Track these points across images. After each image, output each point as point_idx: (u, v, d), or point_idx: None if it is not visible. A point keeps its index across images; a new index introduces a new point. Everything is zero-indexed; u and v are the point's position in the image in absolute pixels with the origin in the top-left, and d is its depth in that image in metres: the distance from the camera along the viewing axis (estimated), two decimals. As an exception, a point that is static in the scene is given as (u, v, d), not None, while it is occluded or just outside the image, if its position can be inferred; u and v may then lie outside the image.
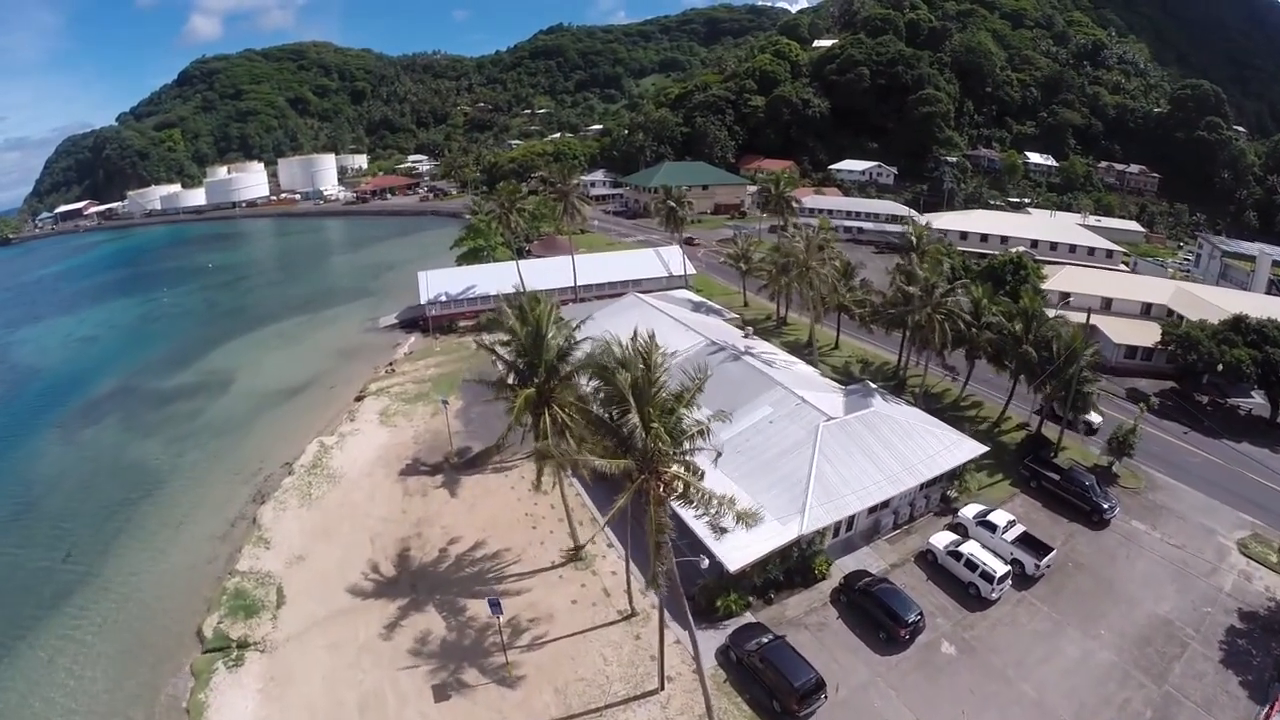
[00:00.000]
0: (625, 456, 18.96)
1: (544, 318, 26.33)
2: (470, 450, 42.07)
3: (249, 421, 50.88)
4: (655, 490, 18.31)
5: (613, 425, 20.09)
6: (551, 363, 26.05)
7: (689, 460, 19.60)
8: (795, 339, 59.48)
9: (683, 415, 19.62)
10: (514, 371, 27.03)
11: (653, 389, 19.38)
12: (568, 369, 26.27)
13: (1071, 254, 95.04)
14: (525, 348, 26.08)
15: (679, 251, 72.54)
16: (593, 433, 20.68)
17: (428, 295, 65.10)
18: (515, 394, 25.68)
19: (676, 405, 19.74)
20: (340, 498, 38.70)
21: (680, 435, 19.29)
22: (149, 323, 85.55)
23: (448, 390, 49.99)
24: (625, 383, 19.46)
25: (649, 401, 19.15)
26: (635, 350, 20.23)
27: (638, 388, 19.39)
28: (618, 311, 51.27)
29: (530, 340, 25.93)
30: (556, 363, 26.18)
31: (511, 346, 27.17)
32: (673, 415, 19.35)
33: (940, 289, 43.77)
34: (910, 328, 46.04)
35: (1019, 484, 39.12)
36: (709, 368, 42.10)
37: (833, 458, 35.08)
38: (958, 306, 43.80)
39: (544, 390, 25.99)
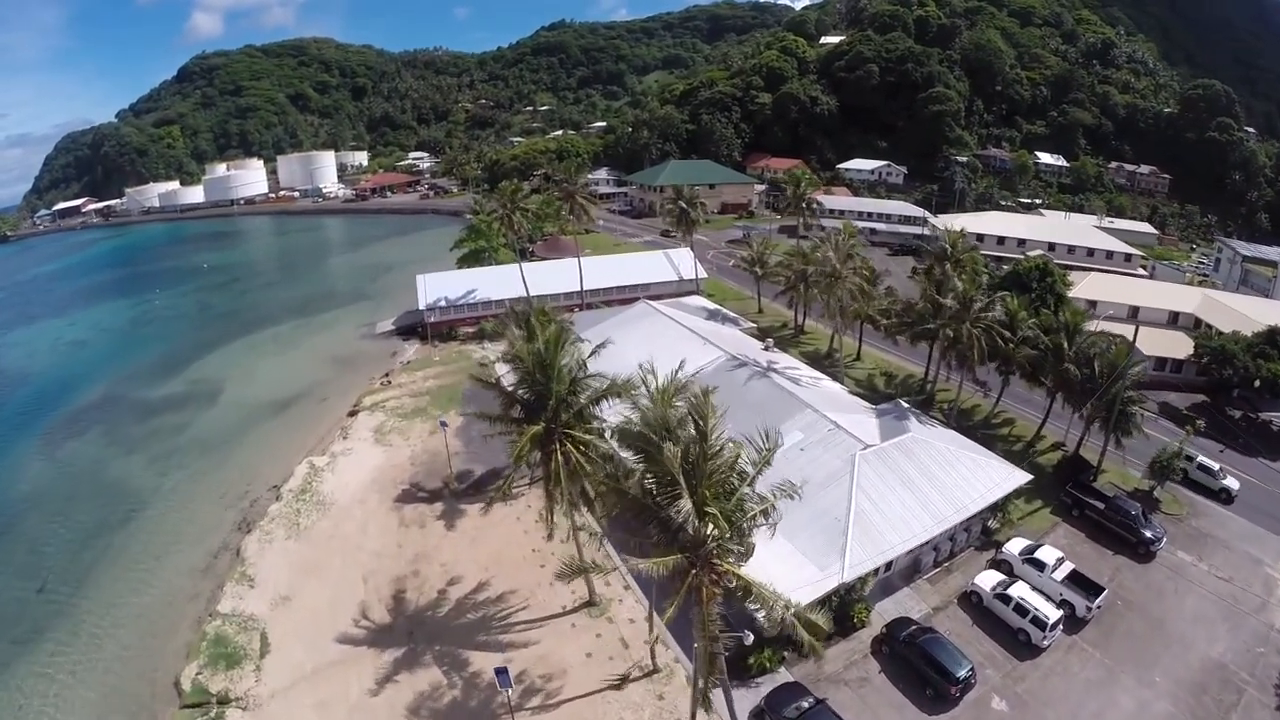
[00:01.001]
0: (672, 548, 15.05)
1: (554, 340, 22.75)
2: (471, 474, 38.62)
3: (236, 437, 47.38)
4: (708, 588, 14.53)
5: (657, 510, 16.04)
6: (563, 394, 22.52)
7: (749, 543, 15.87)
8: (815, 349, 56.10)
9: (745, 496, 15.68)
10: (518, 404, 23.38)
11: (709, 463, 15.41)
12: (582, 401, 22.70)
13: (1089, 258, 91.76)
14: (533, 376, 22.52)
15: (689, 254, 68.95)
16: (635, 516, 16.49)
17: (426, 300, 61.50)
18: (521, 430, 22.11)
19: (739, 484, 15.83)
20: (330, 528, 35.27)
21: (742, 519, 15.44)
22: (140, 326, 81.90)
23: (447, 405, 46.56)
24: (674, 459, 15.40)
25: (704, 481, 15.25)
26: (690, 407, 16.25)
27: (690, 463, 15.44)
28: (629, 321, 47.76)
29: (539, 368, 22.37)
30: (569, 394, 22.63)
31: (517, 373, 23.53)
32: (733, 497, 15.40)
33: (979, 302, 40.35)
34: (943, 341, 42.73)
35: (1059, 511, 36.10)
36: (732, 385, 38.80)
37: (871, 491, 31.82)
38: (996, 321, 40.38)
39: (554, 426, 22.47)
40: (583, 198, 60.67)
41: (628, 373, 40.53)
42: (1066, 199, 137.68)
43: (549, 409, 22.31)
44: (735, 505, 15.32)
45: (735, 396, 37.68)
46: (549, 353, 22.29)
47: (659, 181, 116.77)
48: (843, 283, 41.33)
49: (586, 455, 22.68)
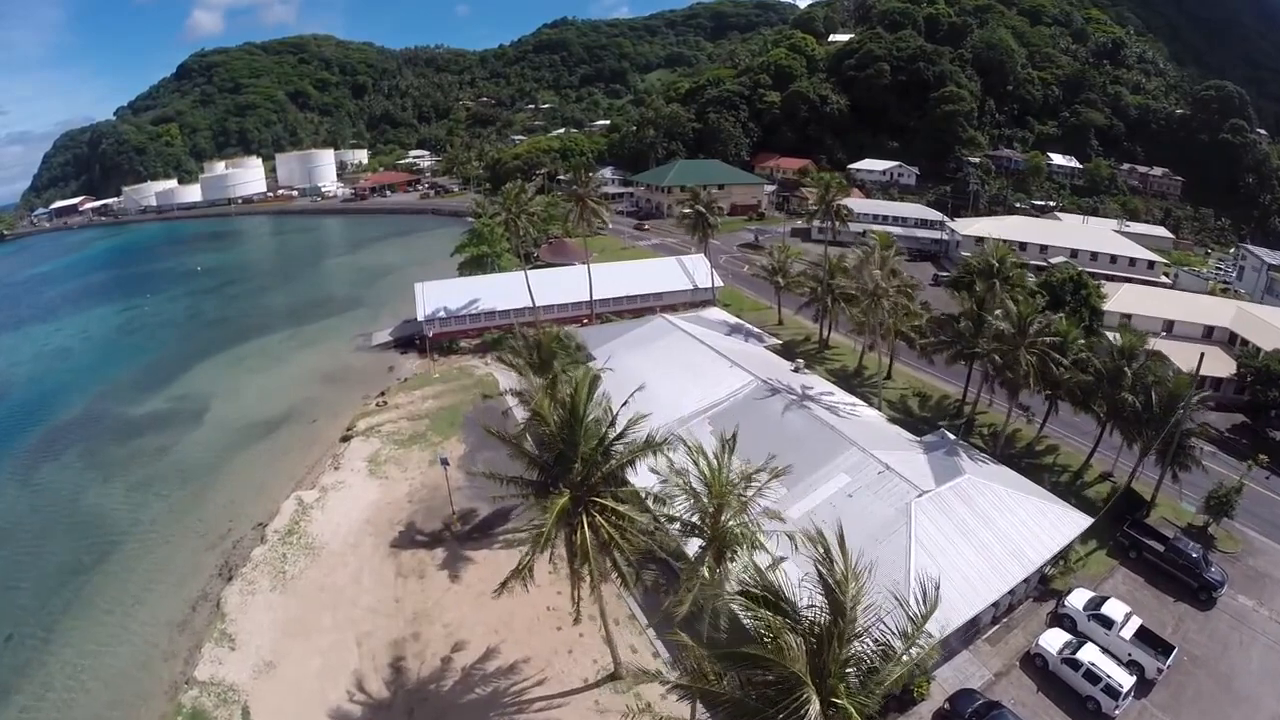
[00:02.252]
0: None
1: (581, 390, 18.57)
2: (475, 514, 34.48)
3: (220, 464, 43.20)
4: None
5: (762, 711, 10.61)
6: (591, 455, 18.38)
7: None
8: (842, 365, 51.98)
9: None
10: (539, 468, 19.13)
11: (847, 647, 10.80)
12: (614, 464, 18.51)
13: (1112, 264, 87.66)
14: (556, 437, 18.37)
15: (704, 261, 64.68)
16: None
17: (426, 311, 57.17)
18: (546, 502, 17.92)
19: (883, 664, 10.83)
20: (320, 578, 31.14)
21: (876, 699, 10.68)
22: (127, 334, 77.50)
23: (447, 430, 42.37)
24: (797, 657, 10.48)
25: (836, 669, 10.65)
26: (816, 563, 11.29)
27: (816, 643, 10.75)
28: (646, 339, 43.58)
29: (563, 427, 18.23)
30: (598, 455, 18.48)
31: (538, 432, 19.31)
32: (876, 684, 10.39)
33: (1036, 325, 36.32)
34: (988, 365, 38.77)
35: (1116, 552, 32.74)
36: (766, 416, 34.63)
37: (930, 545, 27.97)
38: (1055, 346, 36.34)
39: (581, 493, 18.33)
40: (594, 201, 56.11)
41: (649, 402, 36.55)
42: (1080, 201, 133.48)
43: (574, 473, 18.18)
44: (876, 685, 10.65)
45: (771, 430, 33.74)
46: (574, 405, 18.12)
47: (666, 182, 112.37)
48: (886, 302, 37.17)
49: (618, 525, 18.54)
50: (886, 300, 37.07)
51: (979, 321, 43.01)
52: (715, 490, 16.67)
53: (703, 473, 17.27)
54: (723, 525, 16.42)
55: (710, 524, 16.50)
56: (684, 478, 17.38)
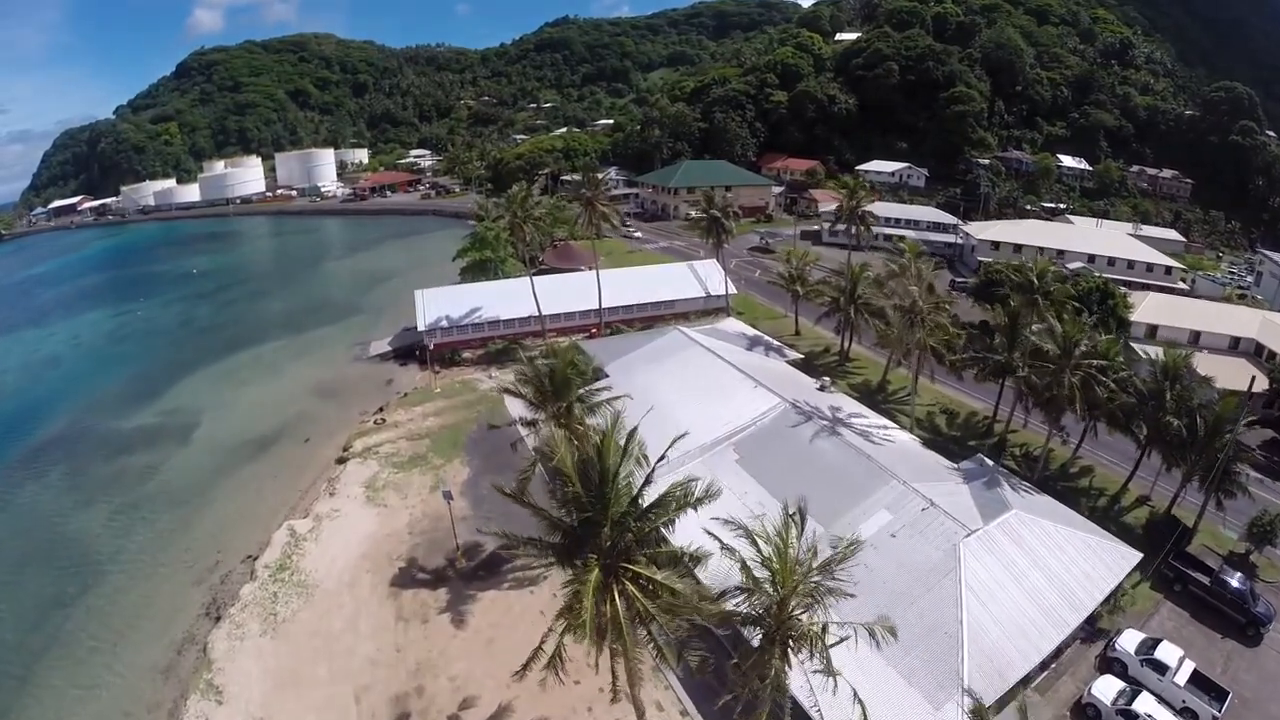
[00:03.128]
0: None
1: (611, 442, 15.73)
2: (481, 548, 31.67)
3: (208, 487, 40.34)
4: None
5: None
6: (622, 518, 15.59)
7: None
8: (864, 379, 49.21)
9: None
10: (562, 533, 16.25)
11: None
12: (647, 528, 15.68)
13: (1129, 270, 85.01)
14: (583, 499, 15.54)
15: (718, 267, 61.78)
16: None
17: (426, 320, 54.22)
18: (579, 572, 15.10)
19: None
20: (314, 621, 28.35)
21: None
22: (117, 342, 74.50)
23: (450, 451, 39.53)
24: None
25: None
26: None
27: None
28: (663, 354, 40.73)
29: (590, 486, 15.41)
30: (629, 517, 15.68)
31: (563, 495, 16.40)
32: None
33: (1083, 347, 33.65)
34: (1023, 384, 36.22)
35: (1160, 584, 30.72)
36: (796, 444, 31.80)
37: (981, 592, 25.41)
38: (1102, 369, 33.66)
39: (611, 559, 15.54)
40: (604, 205, 53.06)
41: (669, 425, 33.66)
42: (1091, 204, 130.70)
43: (603, 537, 15.40)
44: None
45: (803, 459, 31.00)
46: (603, 460, 15.30)
47: (673, 183, 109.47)
48: (925, 321, 34.40)
49: (652, 593, 15.76)
50: (924, 319, 34.29)
51: (1013, 337, 40.54)
52: (782, 577, 13.94)
53: (766, 557, 14.51)
54: (789, 618, 13.72)
55: (774, 616, 13.79)
56: (737, 556, 14.62)
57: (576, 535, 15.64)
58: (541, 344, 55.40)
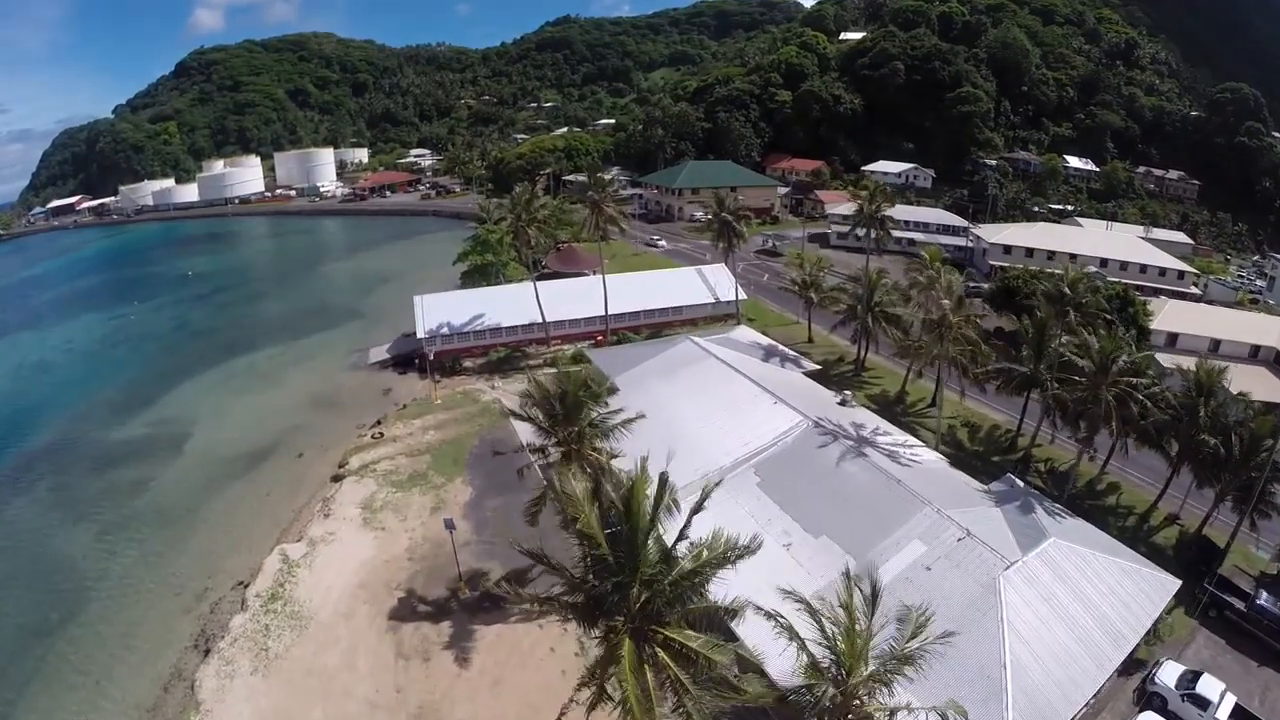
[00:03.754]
0: None
1: (641, 493, 13.61)
2: (486, 575, 29.59)
3: (198, 506, 38.25)
4: None
5: None
6: (654, 577, 13.52)
7: None
8: (881, 390, 47.16)
9: None
10: (586, 596, 14.09)
11: None
12: (686, 586, 13.61)
13: (1142, 274, 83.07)
14: (611, 562, 13.43)
15: (726, 272, 59.64)
16: None
17: (426, 327, 52.01)
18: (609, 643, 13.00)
19: None
20: (308, 658, 26.29)
21: None
22: (111, 346, 72.29)
23: (451, 468, 37.42)
24: None
25: None
26: None
27: None
28: (674, 365, 38.60)
29: (619, 549, 13.31)
30: (662, 577, 13.60)
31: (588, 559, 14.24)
32: None
33: (1121, 363, 31.66)
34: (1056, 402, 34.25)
35: (1194, 610, 29.10)
36: (821, 467, 29.69)
37: (1023, 629, 23.58)
38: (1140, 387, 31.68)
39: (639, 623, 13.47)
40: (612, 208, 50.84)
41: (685, 445, 31.50)
42: (1098, 205, 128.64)
43: (630, 598, 13.33)
44: None
45: (829, 482, 28.93)
46: (633, 516, 13.21)
47: (677, 184, 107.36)
48: (954, 335, 32.33)
49: (686, 658, 13.69)
50: (953, 333, 32.23)
51: (1040, 349, 38.60)
52: (849, 663, 11.89)
53: (830, 638, 12.45)
54: (857, 709, 11.68)
55: (839, 707, 11.74)
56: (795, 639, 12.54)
57: (601, 597, 13.57)
58: (546, 352, 53.39)
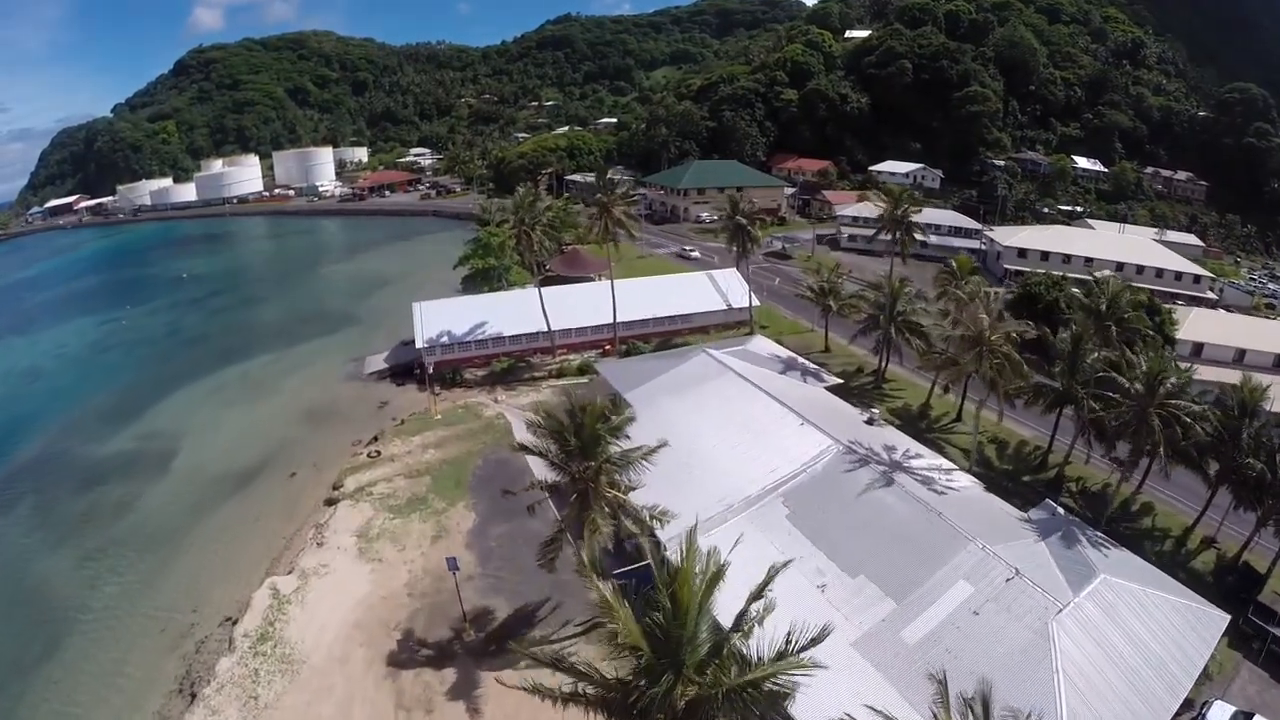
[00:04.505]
0: None
1: (687, 592, 11.03)
2: (492, 616, 27.14)
3: (185, 530, 35.82)
4: None
5: None
6: (703, 667, 11.09)
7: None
8: (904, 404, 44.76)
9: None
10: (622, 694, 11.57)
11: None
12: (749, 697, 11.04)
13: (1158, 279, 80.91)
14: (655, 666, 10.97)
15: (738, 277, 57.16)
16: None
17: (425, 335, 49.45)
18: None
19: None
20: (301, 707, 23.90)
21: None
22: (101, 352, 69.71)
23: (453, 491, 34.96)
24: None
25: None
26: None
27: None
28: (690, 382, 36.10)
29: (665, 651, 10.84)
30: (715, 674, 11.15)
31: (630, 665, 11.64)
32: None
33: (1169, 384, 29.36)
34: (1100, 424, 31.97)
35: (1238, 642, 27.26)
36: (854, 497, 27.37)
37: (1079, 679, 21.74)
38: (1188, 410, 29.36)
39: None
40: (622, 212, 48.20)
41: (707, 471, 29.06)
42: (1107, 207, 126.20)
43: (675, 695, 10.89)
44: None
45: (864, 514, 26.55)
46: (684, 606, 10.73)
47: (682, 184, 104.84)
48: (994, 353, 29.92)
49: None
50: (993, 350, 29.82)
51: (1074, 364, 36.28)
52: None
53: None
54: None
55: None
56: None
57: (640, 696, 11.07)
58: (551, 363, 50.92)
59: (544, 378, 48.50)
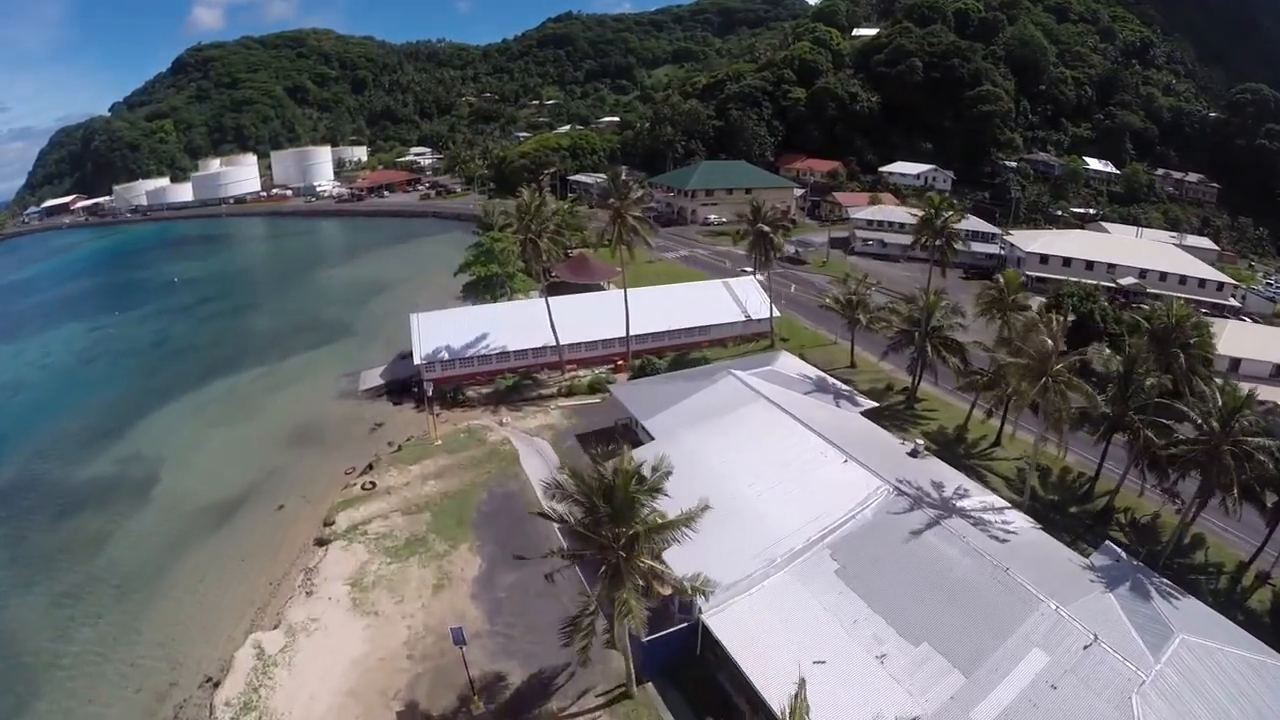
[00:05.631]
0: None
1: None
2: (504, 683, 23.82)
3: (163, 570, 32.47)
4: None
5: None
6: None
7: None
8: (939, 427, 41.45)
9: None
10: None
11: None
12: None
13: (1181, 286, 77.66)
14: None
15: (756, 285, 53.75)
16: None
17: (424, 350, 45.84)
18: None
19: None
20: (279, 800, 20.62)
21: None
22: (86, 363, 66.02)
23: (455, 531, 31.54)
24: None
25: None
26: None
27: None
28: (717, 409, 32.65)
29: None
30: None
31: None
32: None
33: (1245, 419, 26.20)
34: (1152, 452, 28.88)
35: None
36: (910, 550, 24.17)
37: None
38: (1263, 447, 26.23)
39: None
40: (635, 219, 44.70)
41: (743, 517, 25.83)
42: (1121, 209, 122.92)
43: None
44: None
45: (922, 570, 23.38)
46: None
47: (690, 185, 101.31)
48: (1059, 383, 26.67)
49: None
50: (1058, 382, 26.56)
51: (1127, 387, 33.12)
52: None
53: None
54: None
55: None
56: None
57: None
58: (560, 379, 47.49)
59: (552, 396, 45.05)
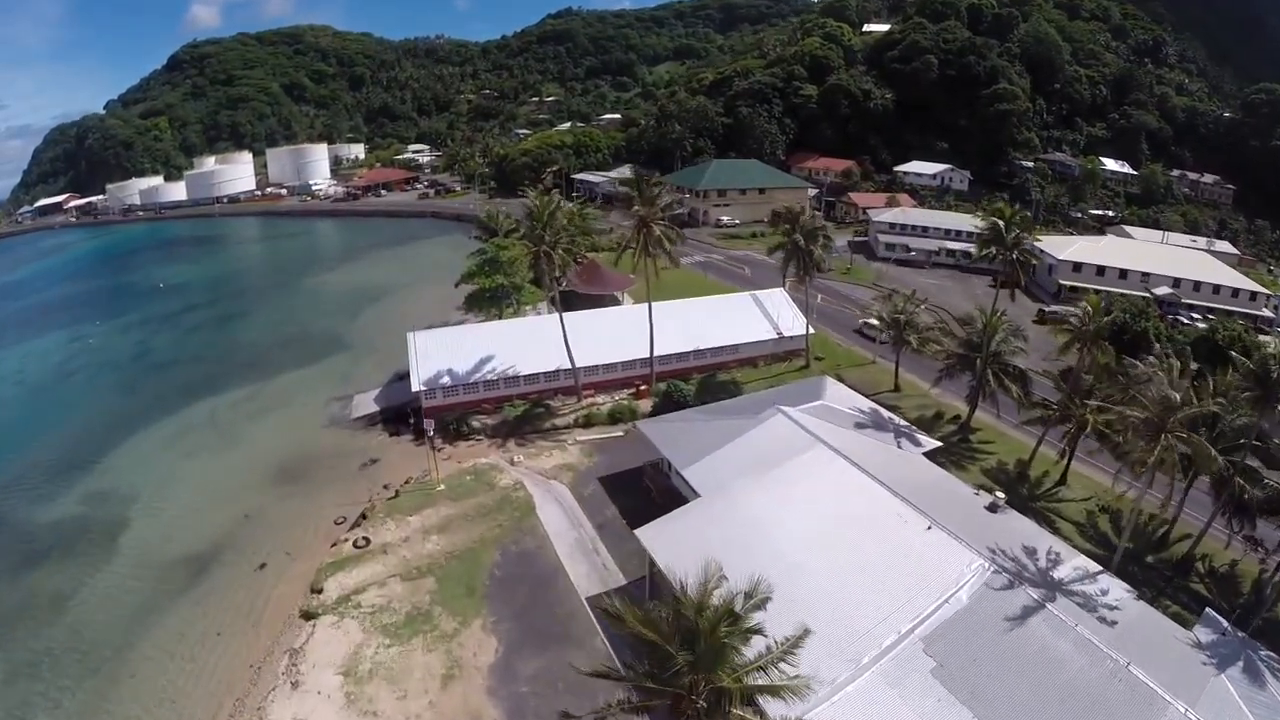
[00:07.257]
0: None
1: None
2: (528, 816, 19.16)
3: (130, 641, 27.49)
4: None
5: None
6: None
7: None
8: (998, 462, 36.85)
9: None
10: None
11: None
12: None
13: (1215, 295, 73.42)
14: None
15: (786, 298, 48.86)
16: None
17: (423, 375, 40.58)
18: None
19: None
20: None
21: None
22: (63, 378, 60.65)
23: (464, 601, 26.66)
24: None
25: None
26: None
27: None
28: (768, 458, 27.49)
29: None
30: None
31: None
32: None
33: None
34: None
35: None
36: (1012, 641, 19.28)
37: None
38: None
39: None
40: (662, 228, 39.75)
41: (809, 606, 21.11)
42: (1139, 211, 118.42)
43: None
44: None
45: (1031, 671, 18.76)
46: None
47: (702, 185, 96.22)
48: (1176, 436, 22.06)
49: None
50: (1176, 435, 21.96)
51: (1214, 428, 28.62)
52: None
53: None
54: None
55: None
56: None
57: None
58: (576, 407, 42.55)
59: (568, 427, 40.10)
